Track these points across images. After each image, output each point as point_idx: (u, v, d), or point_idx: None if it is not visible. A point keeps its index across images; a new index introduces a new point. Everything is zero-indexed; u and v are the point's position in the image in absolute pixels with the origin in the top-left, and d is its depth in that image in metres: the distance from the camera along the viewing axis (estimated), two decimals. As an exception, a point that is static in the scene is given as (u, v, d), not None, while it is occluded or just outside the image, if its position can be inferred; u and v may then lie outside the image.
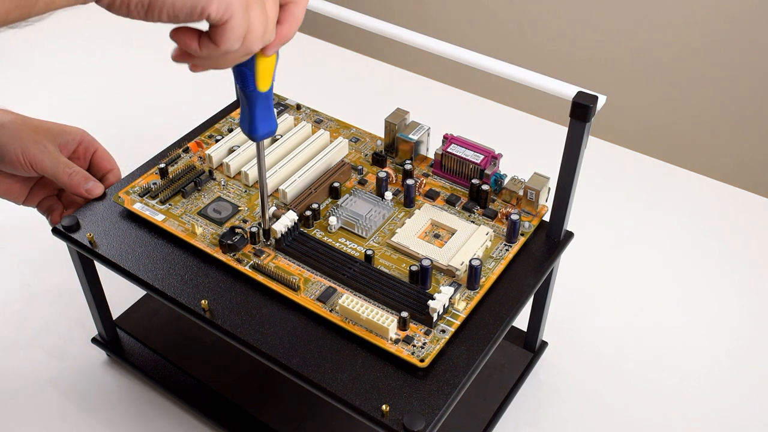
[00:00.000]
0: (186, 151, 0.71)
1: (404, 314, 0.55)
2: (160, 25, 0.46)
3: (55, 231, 0.64)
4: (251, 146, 0.69)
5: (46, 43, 1.20)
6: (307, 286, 0.59)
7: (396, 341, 0.55)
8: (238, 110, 0.76)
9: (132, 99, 1.09)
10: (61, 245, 0.66)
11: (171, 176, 0.67)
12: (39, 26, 1.32)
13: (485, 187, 0.65)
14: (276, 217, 0.63)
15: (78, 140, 0.67)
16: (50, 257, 0.83)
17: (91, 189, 0.65)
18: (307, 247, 0.61)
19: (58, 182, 0.64)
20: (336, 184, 0.66)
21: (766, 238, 0.89)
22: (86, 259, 0.65)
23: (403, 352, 0.54)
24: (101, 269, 0.65)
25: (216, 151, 0.69)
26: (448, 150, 0.67)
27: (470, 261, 0.58)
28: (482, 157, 0.66)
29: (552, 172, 0.64)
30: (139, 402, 0.71)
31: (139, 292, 0.77)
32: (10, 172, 0.64)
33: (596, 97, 0.54)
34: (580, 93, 0.55)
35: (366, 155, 0.71)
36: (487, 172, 0.66)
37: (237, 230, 0.62)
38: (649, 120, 1.74)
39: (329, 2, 0.64)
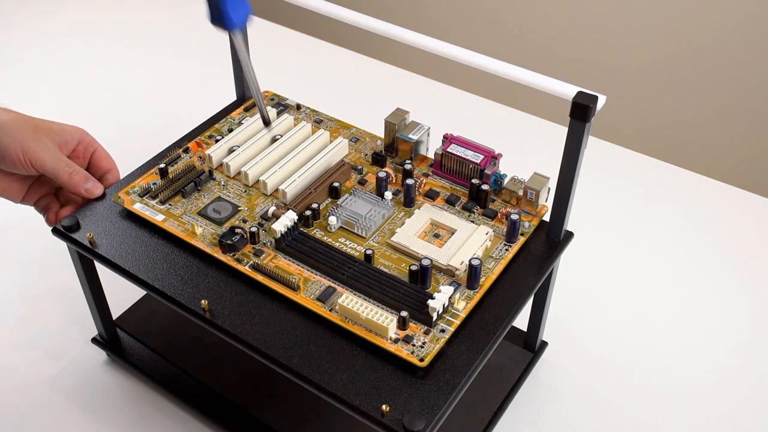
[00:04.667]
0: (186, 151, 0.71)
1: (404, 314, 0.55)
2: (160, 26, 0.45)
3: (55, 231, 0.64)
4: (251, 146, 0.69)
5: (45, 42, 1.20)
6: (306, 285, 0.59)
7: (396, 341, 0.55)
8: (238, 110, 0.76)
9: (132, 99, 1.09)
10: (61, 245, 0.66)
11: (171, 176, 0.67)
12: (38, 26, 1.32)
13: (485, 187, 0.65)
14: (276, 216, 0.63)
15: (78, 139, 0.67)
16: (50, 257, 0.83)
17: (91, 189, 0.65)
18: (306, 247, 0.61)
19: (58, 181, 0.64)
20: (336, 184, 0.66)
21: (766, 238, 0.89)
22: (86, 259, 0.65)
23: (402, 351, 0.54)
24: (101, 269, 0.65)
25: (216, 151, 0.69)
26: (448, 150, 0.67)
27: (470, 261, 0.58)
28: (482, 157, 0.66)
29: (552, 172, 0.64)
30: (139, 402, 0.71)
31: (139, 292, 0.77)
32: (10, 170, 0.64)
33: (596, 97, 0.54)
34: (580, 93, 0.55)
35: (366, 155, 0.71)
36: (487, 172, 0.66)
37: (237, 230, 0.62)
38: (649, 120, 1.74)
39: (329, 2, 0.64)
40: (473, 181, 0.66)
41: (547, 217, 0.64)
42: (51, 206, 0.68)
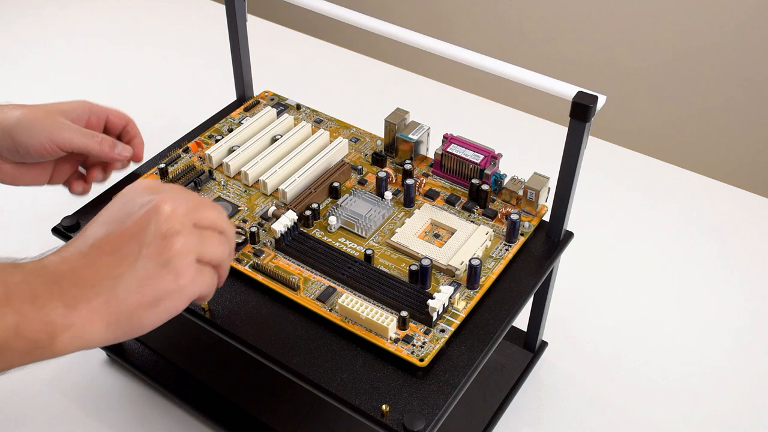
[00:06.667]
0: (186, 151, 0.71)
1: (404, 314, 0.55)
2: (160, 26, 0.46)
3: (56, 231, 0.64)
4: (251, 146, 0.69)
5: (44, 42, 1.20)
6: (306, 285, 0.59)
7: (396, 341, 0.55)
8: (238, 110, 0.76)
9: (132, 99, 1.09)
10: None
11: (171, 176, 0.67)
12: (37, 25, 1.32)
13: (485, 187, 0.65)
14: (276, 216, 0.63)
15: (87, 112, 0.67)
16: (50, 257, 0.83)
17: (122, 152, 0.66)
18: (306, 247, 0.61)
19: (90, 152, 0.64)
20: (336, 184, 0.66)
21: (766, 238, 0.89)
22: (86, 259, 0.65)
23: (402, 351, 0.54)
24: (101, 269, 0.65)
25: (216, 151, 0.69)
26: (448, 150, 0.67)
27: (470, 260, 0.58)
28: (482, 157, 0.66)
29: (552, 172, 0.64)
30: (139, 402, 0.71)
31: (139, 292, 0.77)
32: (36, 161, 0.64)
33: (596, 97, 0.54)
34: (580, 93, 0.55)
35: (366, 155, 0.71)
36: (487, 172, 0.66)
37: (237, 230, 0.62)
38: (649, 120, 1.74)
39: (329, 2, 0.64)
40: (473, 181, 0.66)
41: (547, 217, 0.64)
42: (78, 181, 0.68)
